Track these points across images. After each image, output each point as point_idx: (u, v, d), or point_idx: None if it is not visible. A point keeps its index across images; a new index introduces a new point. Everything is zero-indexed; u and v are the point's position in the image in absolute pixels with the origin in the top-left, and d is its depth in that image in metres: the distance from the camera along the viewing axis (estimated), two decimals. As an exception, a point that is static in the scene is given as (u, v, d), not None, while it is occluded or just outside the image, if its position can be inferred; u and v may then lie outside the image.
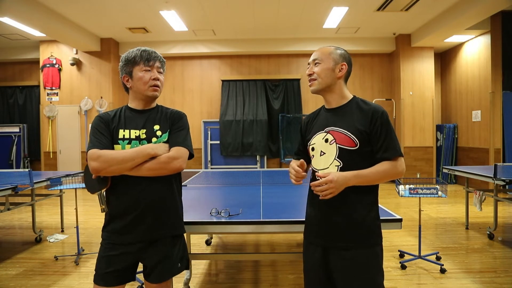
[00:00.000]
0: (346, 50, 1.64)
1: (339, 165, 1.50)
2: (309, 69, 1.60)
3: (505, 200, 4.16)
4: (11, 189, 3.37)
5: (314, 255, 1.56)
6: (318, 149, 1.57)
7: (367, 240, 1.49)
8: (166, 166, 1.58)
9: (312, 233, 1.59)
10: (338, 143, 1.51)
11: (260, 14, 6.84)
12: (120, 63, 1.71)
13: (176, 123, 1.70)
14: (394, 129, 1.52)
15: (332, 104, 1.60)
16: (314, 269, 1.57)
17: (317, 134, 1.58)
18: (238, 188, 3.35)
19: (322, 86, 1.57)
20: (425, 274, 3.15)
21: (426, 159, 8.29)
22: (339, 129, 1.52)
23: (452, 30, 6.95)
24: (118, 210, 1.62)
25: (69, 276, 3.22)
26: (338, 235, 1.50)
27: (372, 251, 1.49)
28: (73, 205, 3.84)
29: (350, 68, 1.61)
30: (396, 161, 1.48)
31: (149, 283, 1.65)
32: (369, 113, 1.49)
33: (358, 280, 1.46)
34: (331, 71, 1.55)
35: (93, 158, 1.54)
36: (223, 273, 3.27)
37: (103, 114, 1.71)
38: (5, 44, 8.41)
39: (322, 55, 1.57)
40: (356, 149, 1.48)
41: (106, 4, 6.20)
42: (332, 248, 1.51)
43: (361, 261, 1.47)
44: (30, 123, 8.95)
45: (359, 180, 1.45)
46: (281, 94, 8.77)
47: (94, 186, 1.62)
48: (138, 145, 1.62)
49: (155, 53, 1.70)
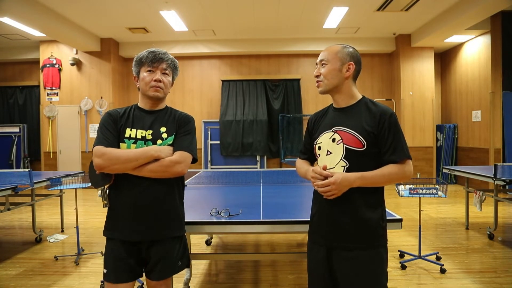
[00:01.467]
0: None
1: (345, 165, 1.48)
2: (316, 70, 1.58)
3: (505, 200, 4.16)
4: (11, 189, 3.37)
5: (318, 255, 1.55)
6: (325, 148, 1.54)
7: (371, 241, 1.47)
8: (168, 169, 1.59)
9: (316, 233, 1.59)
10: (345, 143, 1.48)
11: (260, 14, 6.84)
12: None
13: (183, 126, 1.71)
14: (402, 131, 1.50)
15: (340, 104, 1.57)
16: (317, 269, 1.56)
17: (324, 133, 1.56)
18: (238, 188, 3.35)
19: (329, 87, 1.55)
20: (425, 274, 3.16)
21: (426, 159, 8.29)
22: (346, 129, 1.49)
23: (452, 30, 6.95)
24: (118, 207, 1.64)
25: (69, 276, 3.22)
26: (342, 235, 1.49)
27: (376, 252, 1.47)
28: (73, 205, 3.83)
29: (359, 66, 1.58)
30: (403, 164, 1.46)
31: (150, 280, 1.68)
32: (377, 114, 1.47)
33: (360, 280, 1.45)
34: (338, 72, 1.53)
35: (97, 155, 1.57)
36: (223, 273, 3.27)
37: (112, 111, 1.73)
38: (5, 44, 8.41)
39: (329, 55, 1.55)
40: (363, 150, 1.46)
41: (106, 4, 6.20)
42: (336, 248, 1.50)
43: (364, 262, 1.45)
44: (30, 123, 8.95)
45: (364, 182, 1.43)
46: (281, 94, 8.77)
47: (98, 182, 1.65)
48: (143, 146, 1.64)
49: (163, 54, 1.69)
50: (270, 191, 3.09)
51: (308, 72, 8.75)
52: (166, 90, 1.72)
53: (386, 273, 1.50)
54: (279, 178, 3.88)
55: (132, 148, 1.63)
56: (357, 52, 1.59)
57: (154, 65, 1.68)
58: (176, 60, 1.77)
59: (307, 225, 1.68)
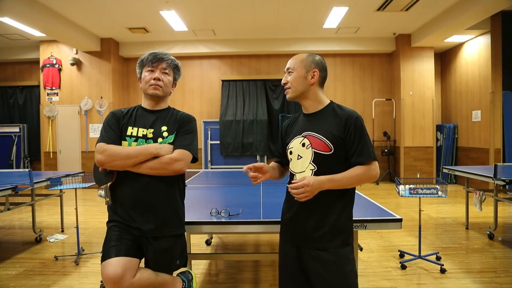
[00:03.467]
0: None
1: (313, 169, 1.54)
2: (284, 78, 1.64)
3: (505, 200, 4.16)
4: (11, 189, 3.37)
5: (289, 253, 1.62)
6: (296, 153, 1.61)
7: (338, 241, 1.53)
8: (167, 166, 1.62)
9: (287, 233, 1.65)
10: (313, 148, 1.55)
11: (260, 14, 6.84)
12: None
13: (184, 126, 1.74)
14: (368, 134, 1.56)
15: (308, 110, 1.64)
16: (289, 267, 1.62)
17: (295, 138, 1.62)
18: (238, 188, 3.36)
19: (296, 93, 1.61)
20: (425, 274, 3.15)
21: (426, 159, 8.29)
22: (315, 134, 1.56)
23: (452, 30, 6.95)
24: (120, 205, 1.67)
25: (69, 276, 3.22)
26: (310, 236, 1.54)
27: (343, 251, 1.53)
28: (73, 205, 3.83)
29: (324, 73, 1.63)
30: (369, 165, 1.52)
31: None
32: (343, 118, 1.53)
33: (329, 279, 1.49)
34: (303, 79, 1.58)
35: (99, 151, 1.62)
36: (223, 273, 3.27)
37: (116, 110, 1.79)
38: (5, 44, 8.41)
39: (295, 63, 1.61)
40: (330, 154, 1.52)
41: (106, 4, 6.20)
42: (305, 248, 1.56)
43: (332, 261, 1.50)
44: (30, 123, 8.95)
45: (333, 184, 1.49)
46: (281, 94, 8.77)
47: (101, 179, 1.69)
48: (144, 144, 1.67)
49: (163, 54, 1.75)
50: (270, 191, 3.09)
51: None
52: (166, 89, 1.75)
53: (355, 271, 1.55)
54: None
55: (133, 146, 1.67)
56: (322, 60, 1.65)
57: (154, 65, 1.72)
58: (178, 61, 1.81)
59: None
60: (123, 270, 1.54)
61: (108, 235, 1.67)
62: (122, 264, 1.55)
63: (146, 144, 1.67)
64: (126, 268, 1.54)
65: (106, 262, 1.57)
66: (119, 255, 1.57)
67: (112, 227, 1.68)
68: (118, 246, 1.60)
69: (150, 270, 1.65)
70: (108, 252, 1.59)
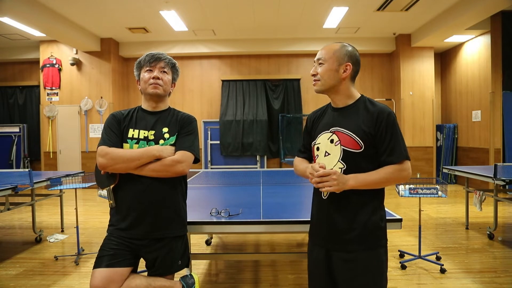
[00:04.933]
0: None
1: (342, 167, 1.46)
2: (313, 69, 1.55)
3: (505, 200, 4.16)
4: (11, 189, 3.37)
5: (317, 256, 1.55)
6: (323, 149, 1.52)
7: (370, 243, 1.45)
8: (169, 168, 1.62)
9: (316, 235, 1.58)
10: (342, 145, 1.46)
11: (260, 14, 6.84)
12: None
13: (185, 127, 1.73)
14: (401, 131, 1.47)
15: (338, 104, 1.55)
16: (317, 270, 1.55)
17: (323, 134, 1.54)
18: (238, 188, 3.36)
19: (325, 87, 1.52)
20: (425, 274, 3.15)
21: (426, 159, 8.29)
22: (344, 130, 1.47)
23: (452, 30, 6.95)
24: (123, 206, 1.67)
25: (69, 276, 3.22)
26: (340, 237, 1.47)
27: (375, 254, 1.46)
28: (73, 205, 3.83)
29: (357, 67, 1.53)
30: (401, 165, 1.42)
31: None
32: (375, 114, 1.44)
33: (359, 283, 1.44)
34: (335, 72, 1.49)
35: (101, 155, 1.61)
36: (223, 273, 3.27)
37: (116, 112, 1.78)
38: (5, 44, 8.40)
39: (326, 54, 1.51)
40: (361, 152, 1.43)
41: (106, 4, 6.20)
42: (335, 250, 1.49)
43: (363, 264, 1.44)
44: (30, 123, 8.94)
45: (358, 183, 1.41)
46: (281, 94, 8.77)
47: (104, 182, 1.68)
48: (146, 146, 1.67)
49: (160, 54, 1.75)
50: (270, 191, 3.09)
51: (308, 72, 8.66)
52: (165, 88, 1.75)
53: (386, 275, 1.48)
54: (279, 178, 3.88)
55: (134, 148, 1.66)
56: (356, 51, 1.54)
57: (152, 65, 1.72)
58: (175, 61, 1.80)
59: (307, 225, 1.68)
60: (106, 282, 1.56)
61: (104, 242, 1.68)
62: (106, 276, 1.57)
63: (148, 146, 1.67)
64: (109, 281, 1.57)
65: (92, 272, 1.61)
66: (106, 265, 1.59)
67: (109, 235, 1.69)
68: (107, 256, 1.61)
69: (143, 278, 1.65)
70: (97, 261, 1.63)
